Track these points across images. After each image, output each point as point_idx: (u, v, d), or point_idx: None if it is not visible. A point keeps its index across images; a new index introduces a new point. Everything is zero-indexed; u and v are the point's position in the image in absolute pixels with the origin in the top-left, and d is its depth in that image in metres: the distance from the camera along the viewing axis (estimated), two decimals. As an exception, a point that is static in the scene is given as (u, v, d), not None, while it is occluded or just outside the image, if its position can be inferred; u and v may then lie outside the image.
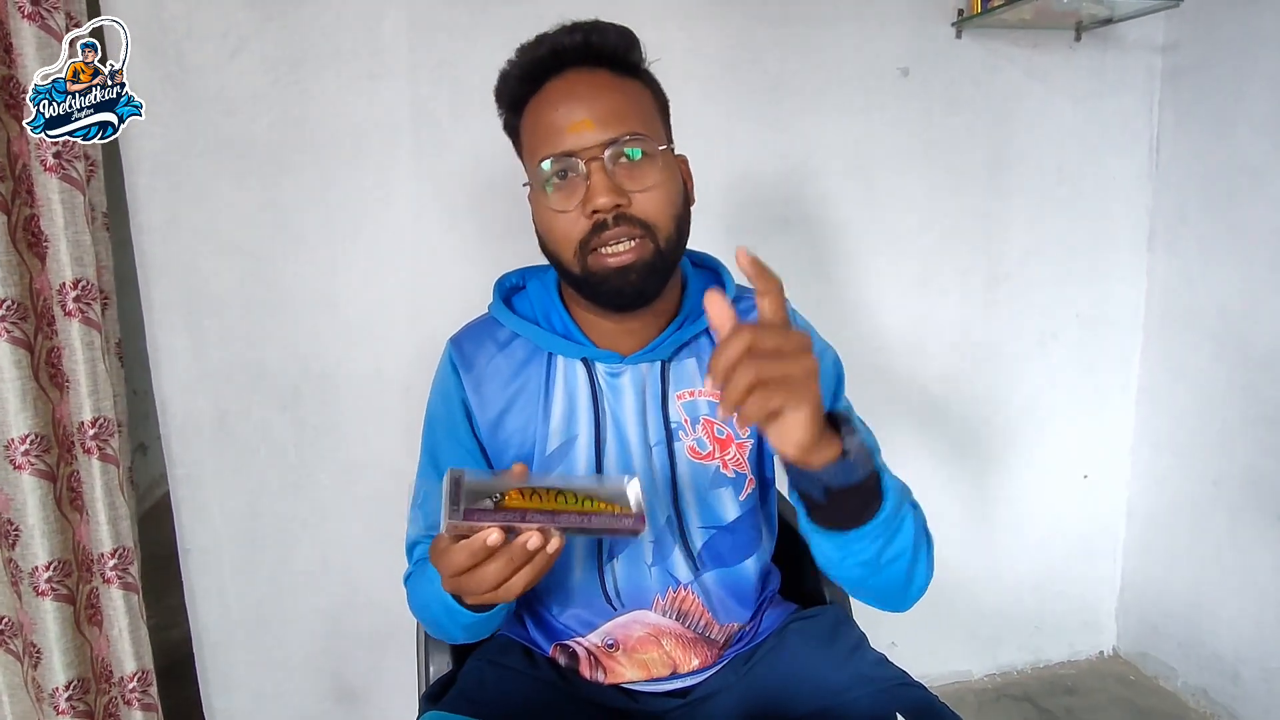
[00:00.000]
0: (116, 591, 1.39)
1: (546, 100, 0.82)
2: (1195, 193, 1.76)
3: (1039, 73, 1.74)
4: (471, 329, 0.97)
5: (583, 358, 0.90)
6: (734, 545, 0.94)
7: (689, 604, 0.93)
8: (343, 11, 1.43)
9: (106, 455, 1.36)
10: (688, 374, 0.92)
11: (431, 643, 1.03)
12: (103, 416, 1.35)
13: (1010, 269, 1.81)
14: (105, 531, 1.37)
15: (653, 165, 0.81)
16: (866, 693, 0.89)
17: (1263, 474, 1.66)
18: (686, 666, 0.95)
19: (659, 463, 0.91)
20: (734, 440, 0.92)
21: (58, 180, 1.26)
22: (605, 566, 0.92)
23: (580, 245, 0.81)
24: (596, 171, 0.79)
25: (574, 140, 0.79)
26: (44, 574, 1.31)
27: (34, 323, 1.29)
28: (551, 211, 0.81)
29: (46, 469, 1.30)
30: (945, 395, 1.83)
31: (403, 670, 1.55)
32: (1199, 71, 1.73)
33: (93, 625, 1.41)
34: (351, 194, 1.49)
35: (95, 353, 1.32)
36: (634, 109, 0.82)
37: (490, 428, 0.92)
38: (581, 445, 0.91)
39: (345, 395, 1.55)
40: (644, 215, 0.80)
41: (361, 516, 1.57)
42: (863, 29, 1.64)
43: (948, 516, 1.88)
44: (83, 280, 1.30)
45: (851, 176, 1.69)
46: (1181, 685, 1.87)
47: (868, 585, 0.79)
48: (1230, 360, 1.71)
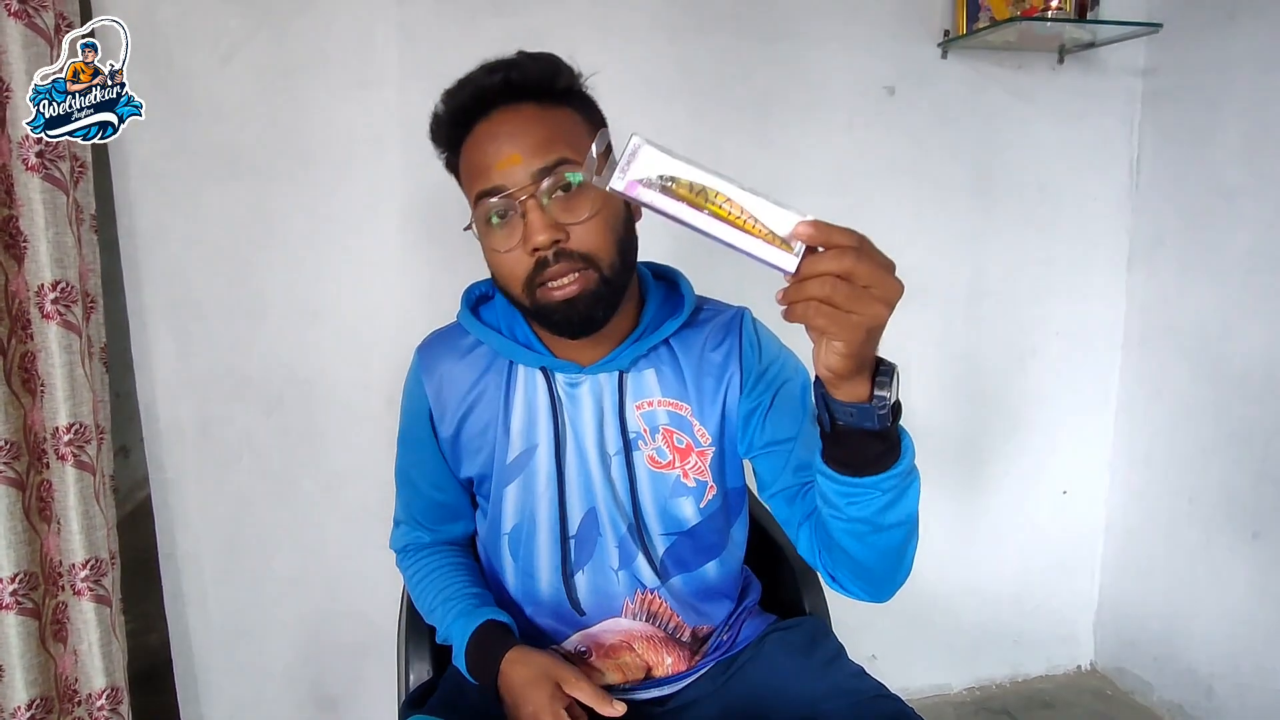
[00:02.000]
0: (88, 604, 1.34)
1: (475, 141, 0.83)
2: (1173, 213, 1.80)
3: (1023, 94, 1.77)
4: (437, 335, 0.99)
5: (542, 367, 0.92)
6: (695, 549, 0.96)
7: (656, 605, 0.95)
8: (334, 21, 1.44)
9: (82, 462, 1.31)
10: (646, 384, 0.93)
11: (412, 650, 1.03)
12: (79, 422, 1.30)
13: (992, 286, 1.84)
14: (78, 541, 1.31)
15: (588, 193, 0.80)
16: (843, 704, 0.90)
17: (1237, 491, 1.69)
18: (661, 668, 0.96)
19: (618, 472, 0.92)
20: (694, 449, 0.93)
21: (40, 180, 1.24)
22: (572, 576, 0.94)
23: (526, 282, 0.82)
24: (532, 209, 0.79)
25: (504, 176, 0.80)
26: (9, 586, 1.26)
27: (8, 325, 1.26)
28: (494, 252, 0.83)
29: (15, 477, 1.26)
30: (926, 409, 1.84)
31: (383, 679, 1.54)
32: (1178, 95, 1.76)
33: (58, 641, 1.35)
34: (339, 202, 1.49)
35: (74, 356, 1.28)
36: (562, 136, 0.81)
37: (452, 433, 0.95)
38: (542, 454, 0.92)
39: (329, 403, 1.55)
40: (584, 248, 0.80)
41: (343, 525, 1.57)
42: (850, 48, 1.66)
43: (928, 530, 1.87)
44: (62, 282, 1.27)
45: (836, 193, 1.71)
46: (1157, 700, 1.89)
47: (863, 549, 0.78)
48: (1207, 379, 1.74)
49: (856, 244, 0.58)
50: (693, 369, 0.93)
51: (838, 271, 0.57)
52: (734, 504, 0.98)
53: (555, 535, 0.94)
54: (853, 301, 0.57)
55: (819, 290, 0.57)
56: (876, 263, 0.58)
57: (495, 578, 1.01)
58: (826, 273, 0.57)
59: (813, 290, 0.58)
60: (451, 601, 0.95)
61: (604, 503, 0.93)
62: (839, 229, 0.58)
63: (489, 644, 0.89)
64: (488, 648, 0.89)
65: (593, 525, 0.93)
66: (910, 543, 0.79)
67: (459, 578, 0.99)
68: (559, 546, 0.94)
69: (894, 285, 0.59)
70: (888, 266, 0.60)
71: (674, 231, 0.60)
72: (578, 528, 0.93)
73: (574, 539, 0.93)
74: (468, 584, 0.98)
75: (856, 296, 0.57)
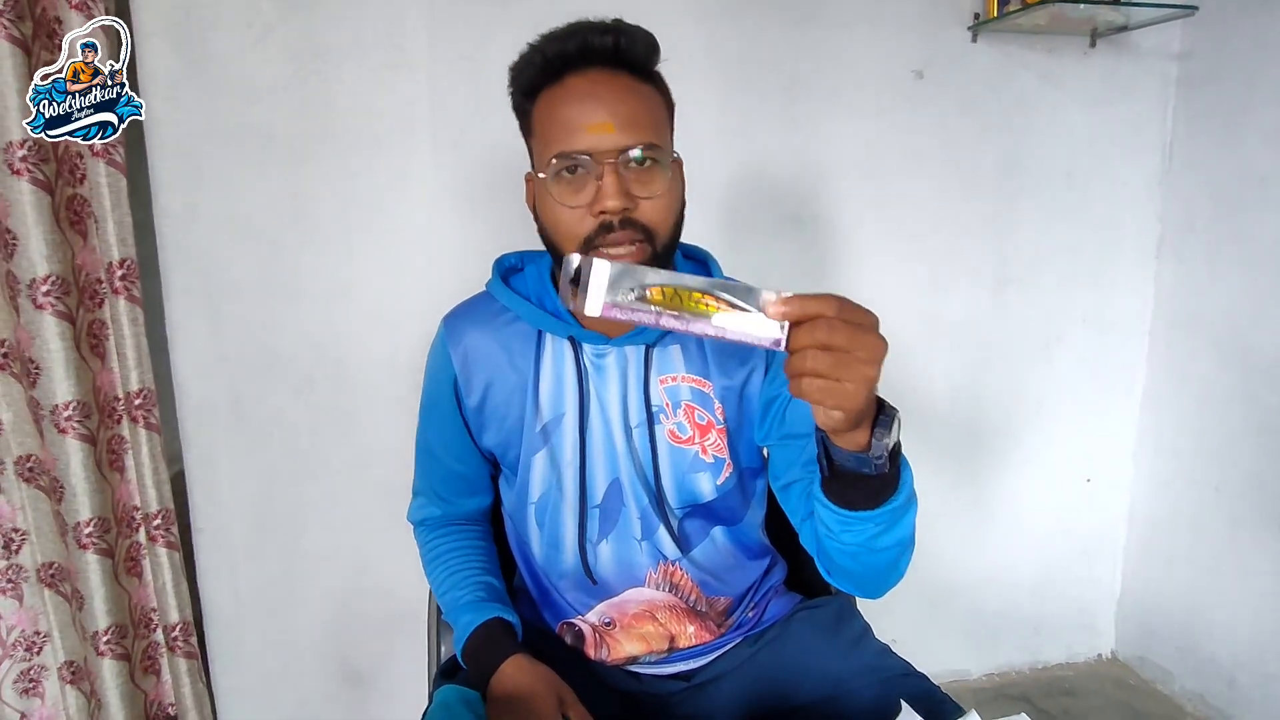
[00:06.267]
0: (161, 549, 1.50)
1: (568, 94, 0.83)
2: (1205, 201, 1.78)
3: (1053, 78, 1.75)
4: (464, 306, 1.00)
5: (569, 336, 0.92)
6: (711, 522, 0.97)
7: (678, 577, 0.96)
8: (365, 3, 1.45)
9: (150, 424, 1.46)
10: (671, 359, 0.94)
11: (443, 624, 1.05)
12: (146, 388, 1.44)
13: (1018, 272, 1.83)
14: (151, 493, 1.48)
15: (662, 174, 0.82)
16: (869, 682, 0.91)
17: (1264, 481, 1.68)
18: (684, 637, 0.98)
19: (640, 444, 0.93)
20: (714, 426, 0.94)
21: (105, 164, 1.34)
22: (588, 548, 0.95)
23: (584, 242, 0.82)
24: (610, 173, 0.80)
25: (593, 141, 0.80)
26: (85, 529, 1.39)
27: (76, 296, 1.35)
28: (557, 204, 0.83)
29: (88, 433, 1.37)
30: (950, 395, 1.84)
31: (411, 654, 1.57)
32: (1213, 80, 1.74)
33: (131, 576, 1.50)
34: (369, 184, 1.51)
35: (139, 328, 1.42)
36: (651, 117, 0.83)
37: (478, 402, 0.96)
38: (568, 424, 0.93)
39: (358, 382, 1.57)
40: (648, 221, 0.82)
41: (372, 502, 1.60)
42: (878, 32, 1.65)
43: (950, 516, 1.90)
44: (128, 260, 1.39)
45: (864, 177, 1.71)
46: (1179, 689, 1.88)
47: (854, 564, 0.79)
48: (1234, 368, 1.73)
49: (833, 310, 0.59)
50: (718, 349, 0.94)
51: (817, 344, 0.58)
52: (749, 483, 0.99)
53: (577, 505, 0.95)
54: (839, 369, 0.58)
55: (805, 365, 0.59)
56: (855, 325, 0.59)
57: (523, 549, 1.02)
58: (808, 346, 0.58)
59: (800, 365, 0.59)
60: (461, 589, 0.97)
61: (627, 474, 0.94)
62: (811, 299, 0.59)
63: (492, 643, 0.91)
64: (490, 645, 0.90)
65: (617, 496, 0.94)
66: (903, 559, 0.80)
67: (472, 562, 1.00)
68: (580, 516, 0.95)
69: (877, 344, 0.60)
70: (868, 326, 0.60)
71: (714, 220, 0.61)
72: (602, 498, 0.94)
73: (599, 509, 0.95)
74: (480, 570, 0.99)
75: (842, 364, 0.58)
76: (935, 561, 1.90)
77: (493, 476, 1.05)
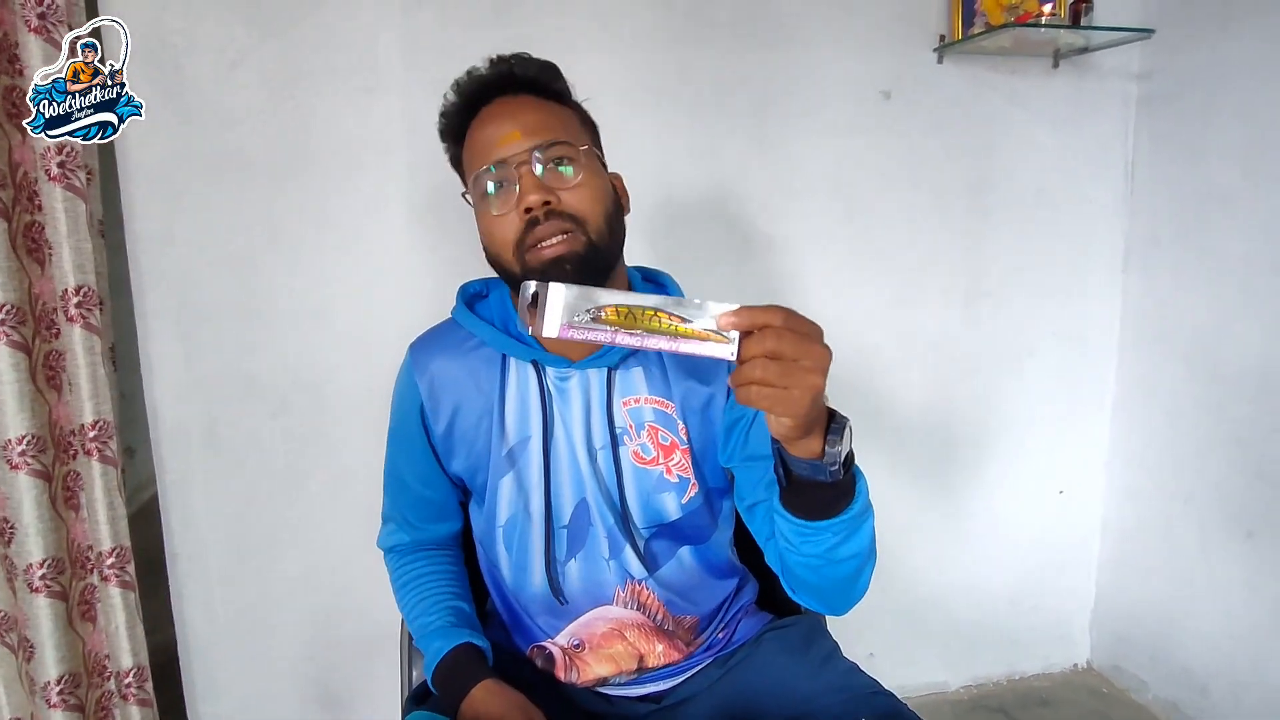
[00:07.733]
0: (115, 589, 1.43)
1: (479, 123, 0.90)
2: (1168, 217, 1.81)
3: (1019, 98, 1.79)
4: (430, 333, 1.02)
5: (533, 360, 0.94)
6: (678, 542, 0.98)
7: (645, 596, 0.97)
8: (339, 30, 1.46)
9: (106, 457, 1.40)
10: (634, 381, 0.95)
11: (414, 649, 1.05)
12: (103, 419, 1.39)
13: (989, 287, 1.86)
14: (104, 530, 1.41)
15: (578, 167, 0.87)
16: (837, 700, 0.92)
17: (1232, 491, 1.71)
18: (653, 656, 0.99)
19: (605, 466, 0.95)
20: (678, 446, 0.95)
21: (61, 189, 1.30)
22: (556, 567, 0.96)
23: (517, 245, 0.85)
24: (526, 175, 0.85)
25: (504, 150, 0.85)
26: (38, 571, 1.35)
27: (32, 326, 1.32)
28: (491, 217, 0.87)
29: (42, 469, 1.34)
30: (924, 410, 1.86)
31: (388, 677, 1.56)
32: (1172, 99, 1.78)
33: (85, 621, 1.44)
34: (345, 208, 1.51)
35: (95, 357, 1.37)
36: (559, 121, 0.89)
37: (445, 428, 0.97)
38: (534, 446, 0.95)
39: (334, 406, 1.57)
40: (573, 210, 0.85)
41: (348, 525, 1.59)
42: (846, 53, 1.68)
43: (925, 529, 1.92)
44: (84, 287, 1.35)
45: (835, 196, 1.73)
46: (1153, 698, 1.90)
47: (816, 578, 0.81)
48: (1201, 380, 1.76)
49: (780, 320, 0.62)
50: (680, 370, 0.95)
51: (765, 353, 0.61)
52: (716, 502, 1.00)
53: (544, 526, 0.96)
54: (786, 377, 0.61)
55: (754, 373, 0.62)
56: (801, 334, 0.62)
57: (493, 573, 1.03)
58: (756, 355, 0.61)
59: (749, 374, 0.62)
60: (431, 614, 0.98)
61: (593, 495, 0.95)
62: (759, 310, 0.62)
63: (461, 668, 0.92)
64: (460, 671, 0.92)
65: (584, 516, 0.96)
66: (864, 571, 0.82)
67: (442, 587, 1.01)
68: (547, 537, 0.96)
69: (822, 353, 0.63)
70: (813, 335, 0.63)
71: (655, 237, 0.63)
72: (570, 518, 0.96)
73: (566, 529, 0.96)
74: (450, 595, 1.00)
75: (788, 372, 0.61)
76: (911, 575, 1.91)
77: (462, 502, 1.06)
